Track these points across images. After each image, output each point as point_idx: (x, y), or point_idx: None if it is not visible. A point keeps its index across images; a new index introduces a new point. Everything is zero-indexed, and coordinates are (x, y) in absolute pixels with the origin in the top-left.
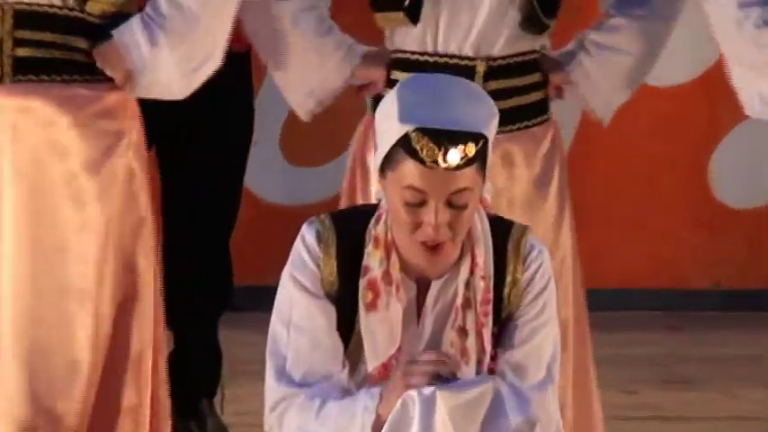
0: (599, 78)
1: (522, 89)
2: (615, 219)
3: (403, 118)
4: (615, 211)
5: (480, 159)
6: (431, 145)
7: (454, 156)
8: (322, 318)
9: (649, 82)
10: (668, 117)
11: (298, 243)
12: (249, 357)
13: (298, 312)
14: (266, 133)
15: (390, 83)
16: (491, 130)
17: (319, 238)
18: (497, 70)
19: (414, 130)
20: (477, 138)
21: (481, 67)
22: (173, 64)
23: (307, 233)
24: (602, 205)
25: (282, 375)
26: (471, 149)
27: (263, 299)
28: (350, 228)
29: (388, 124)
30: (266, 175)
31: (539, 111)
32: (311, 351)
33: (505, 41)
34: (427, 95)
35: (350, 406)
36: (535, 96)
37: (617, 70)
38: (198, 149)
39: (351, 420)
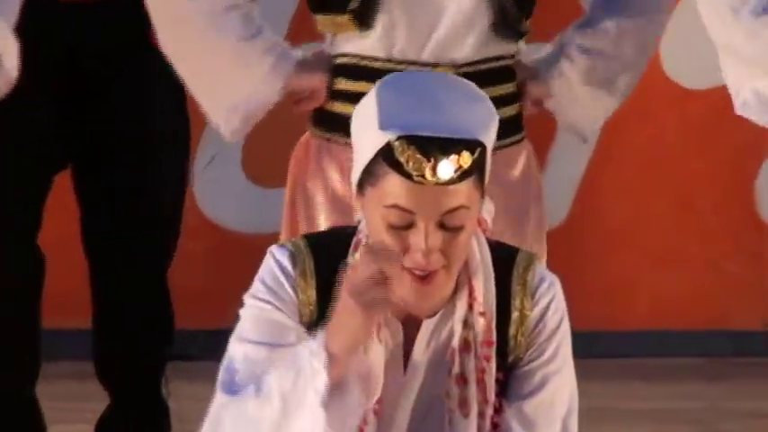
0: (583, 89)
1: (494, 102)
2: (643, 247)
3: (384, 124)
4: (643, 239)
5: (478, 172)
6: (418, 156)
7: (446, 168)
8: (294, 337)
9: (682, 83)
10: (705, 125)
11: (268, 264)
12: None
13: (261, 326)
14: (224, 148)
15: (334, 94)
16: (490, 137)
17: (294, 262)
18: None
19: (397, 139)
20: (474, 146)
21: None
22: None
23: (279, 254)
24: (628, 231)
25: (228, 386)
26: (467, 160)
27: (222, 345)
28: (330, 253)
29: (367, 132)
30: (225, 197)
31: (512, 128)
32: (270, 360)
33: (474, 45)
34: (412, 97)
35: (291, 364)
36: (508, 111)
37: (604, 78)
38: (120, 162)
39: (297, 376)
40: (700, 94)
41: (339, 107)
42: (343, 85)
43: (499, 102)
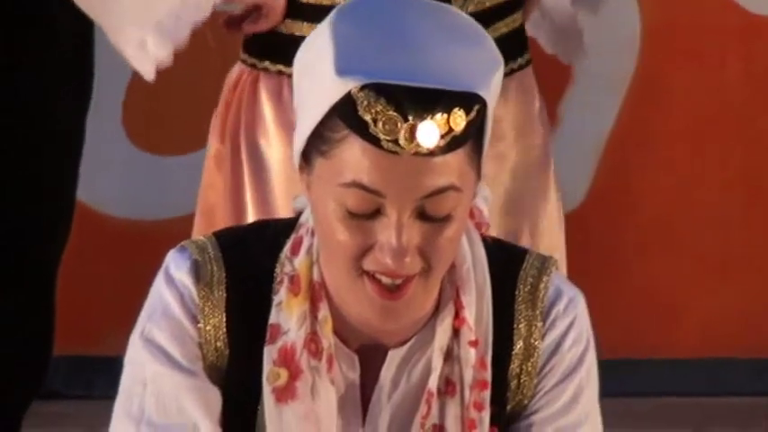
0: None
1: (504, 8)
2: (693, 244)
3: (342, 68)
4: (693, 232)
5: (474, 140)
6: (390, 113)
7: (430, 132)
8: (197, 408)
9: (749, 8)
10: None
11: (159, 284)
12: None
13: (155, 400)
14: (97, 99)
15: (297, 9)
16: (492, 90)
17: (197, 275)
18: None
19: (361, 89)
20: (470, 101)
21: None
22: None
23: (175, 267)
24: (671, 221)
25: None
26: (459, 121)
27: (98, 378)
28: (249, 259)
29: (317, 80)
30: (101, 169)
31: (523, 43)
32: None
33: None
34: (383, 31)
35: None
36: (517, 20)
37: None
38: None
39: None
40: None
41: (307, 28)
42: None
43: (508, 7)
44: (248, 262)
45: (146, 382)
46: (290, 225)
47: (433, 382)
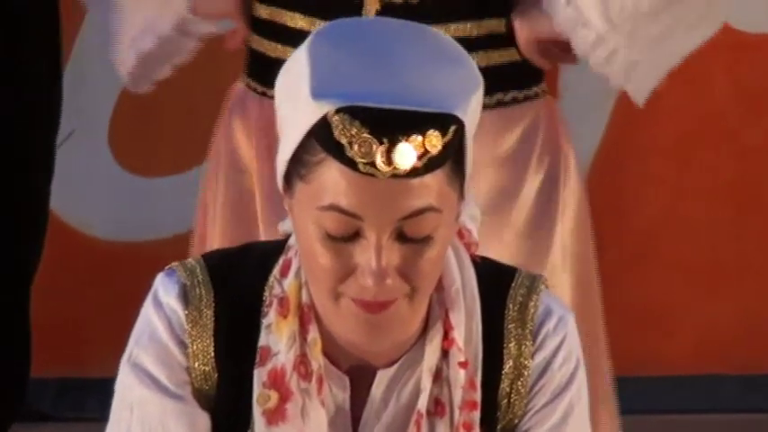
0: (622, 22)
1: (469, 43)
2: (685, 256)
3: (318, 91)
4: (685, 244)
5: (453, 161)
6: (365, 135)
7: (407, 153)
8: None
9: (735, 25)
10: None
11: (148, 309)
12: None
13: (141, 425)
14: (86, 120)
15: (254, 24)
16: (470, 111)
17: (185, 299)
18: (403, 9)
19: (336, 112)
20: (446, 122)
21: (372, 4)
22: None
23: (163, 291)
24: (662, 233)
25: None
26: (435, 143)
27: (85, 401)
28: (238, 281)
29: (295, 102)
30: (86, 190)
31: (508, 79)
32: None
33: None
34: (359, 53)
35: None
36: (497, 57)
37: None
38: None
39: None
40: (758, 38)
41: (257, 43)
42: (261, 12)
43: (480, 43)
44: (237, 285)
45: (132, 406)
46: (279, 247)
47: (422, 403)
